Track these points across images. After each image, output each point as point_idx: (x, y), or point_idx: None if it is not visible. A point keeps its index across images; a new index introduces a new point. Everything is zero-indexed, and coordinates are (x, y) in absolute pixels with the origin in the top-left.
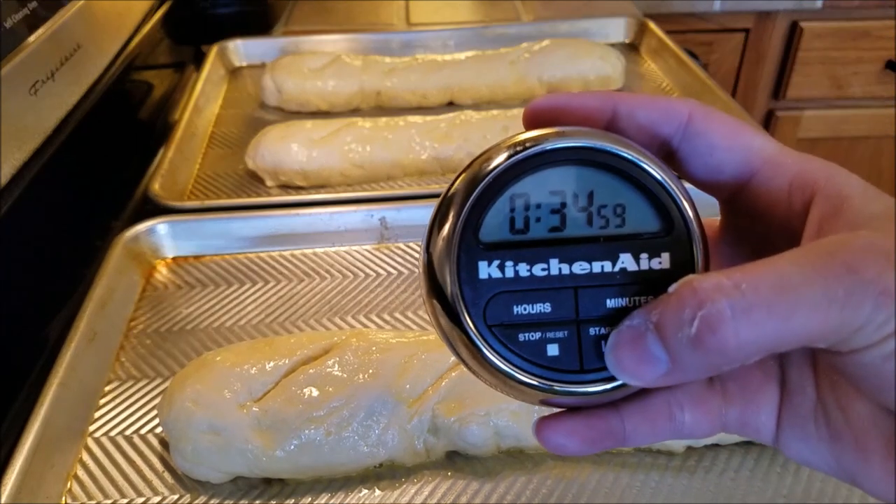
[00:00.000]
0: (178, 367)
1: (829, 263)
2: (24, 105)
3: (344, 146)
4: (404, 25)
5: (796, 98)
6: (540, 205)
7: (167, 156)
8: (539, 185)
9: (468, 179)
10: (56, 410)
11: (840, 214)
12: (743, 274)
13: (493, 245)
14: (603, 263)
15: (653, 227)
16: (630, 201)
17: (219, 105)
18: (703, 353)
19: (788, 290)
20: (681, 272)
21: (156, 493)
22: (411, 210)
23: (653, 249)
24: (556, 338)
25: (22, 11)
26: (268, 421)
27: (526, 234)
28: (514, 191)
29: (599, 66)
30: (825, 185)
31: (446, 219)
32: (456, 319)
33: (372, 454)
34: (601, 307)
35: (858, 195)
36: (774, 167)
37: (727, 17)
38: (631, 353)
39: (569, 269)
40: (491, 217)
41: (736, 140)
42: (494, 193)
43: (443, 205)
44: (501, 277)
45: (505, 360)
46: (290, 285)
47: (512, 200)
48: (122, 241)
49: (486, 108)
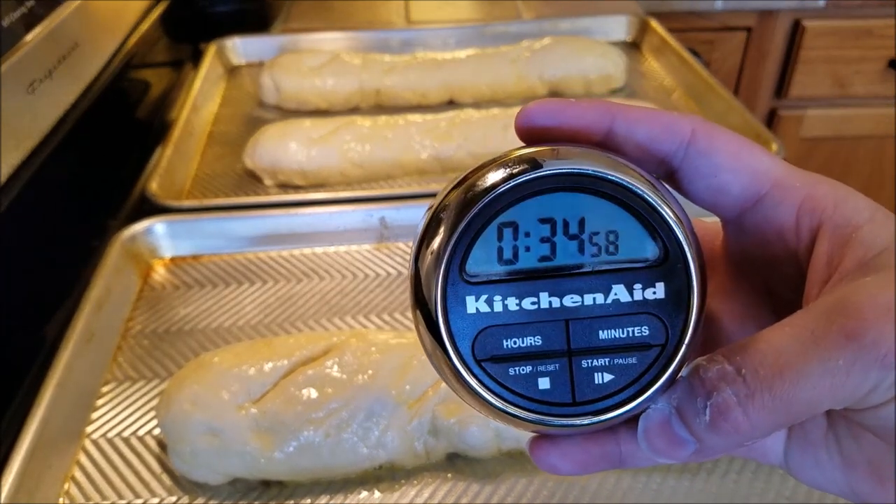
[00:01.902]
0: (175, 367)
1: (828, 332)
2: (21, 104)
3: (343, 145)
4: (404, 23)
5: (799, 97)
6: (529, 233)
7: (165, 155)
8: (528, 213)
9: (456, 205)
10: (53, 412)
11: (849, 246)
12: (743, 356)
13: (481, 277)
14: (595, 295)
15: (647, 255)
16: (623, 228)
17: (217, 104)
18: (722, 436)
19: (788, 370)
20: (676, 303)
21: (153, 495)
22: (411, 209)
23: (647, 279)
24: (547, 371)
25: (20, 10)
26: (266, 422)
27: (515, 265)
28: (503, 219)
29: (601, 64)
30: (833, 213)
31: (433, 244)
32: (445, 353)
33: (371, 456)
34: (594, 339)
35: (867, 223)
36: (782, 191)
37: (729, 16)
38: (661, 437)
39: (559, 302)
40: (479, 247)
41: (741, 161)
42: (482, 222)
43: (431, 225)
44: (490, 312)
45: (495, 395)
46: (289, 285)
47: (500, 230)
48: (120, 240)
49: (487, 107)
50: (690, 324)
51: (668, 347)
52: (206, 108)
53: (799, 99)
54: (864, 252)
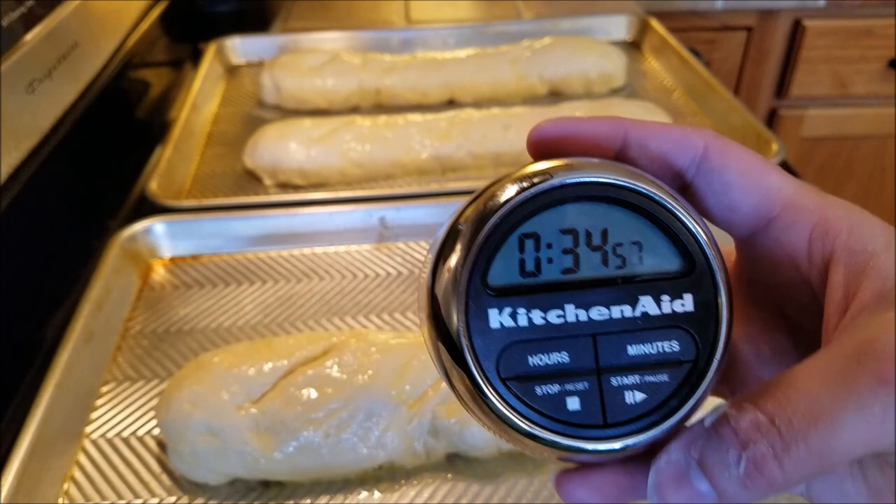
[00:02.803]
0: (175, 368)
1: (860, 377)
2: (20, 103)
3: (343, 145)
4: (404, 23)
5: (799, 96)
6: (551, 244)
7: (164, 155)
8: (549, 224)
9: (474, 218)
10: (53, 412)
11: (866, 275)
12: (775, 405)
13: (503, 290)
14: (622, 307)
15: (673, 266)
16: (647, 239)
17: (217, 103)
18: (753, 489)
19: (823, 420)
20: (705, 316)
21: (153, 495)
22: (411, 209)
23: (674, 290)
24: (576, 390)
25: (19, 10)
26: (266, 423)
27: (538, 277)
28: (524, 230)
29: (601, 63)
30: (848, 239)
31: (451, 259)
32: (468, 373)
33: (371, 456)
34: (623, 355)
35: (884, 251)
36: (793, 213)
37: (730, 15)
38: (677, 491)
39: (586, 314)
40: (500, 259)
41: (753, 179)
42: (503, 234)
43: (447, 241)
44: (514, 326)
45: (523, 418)
46: (289, 285)
47: (521, 241)
48: (119, 240)
49: (487, 107)
50: (721, 337)
51: (700, 363)
52: (205, 108)
53: (799, 98)
54: (883, 283)
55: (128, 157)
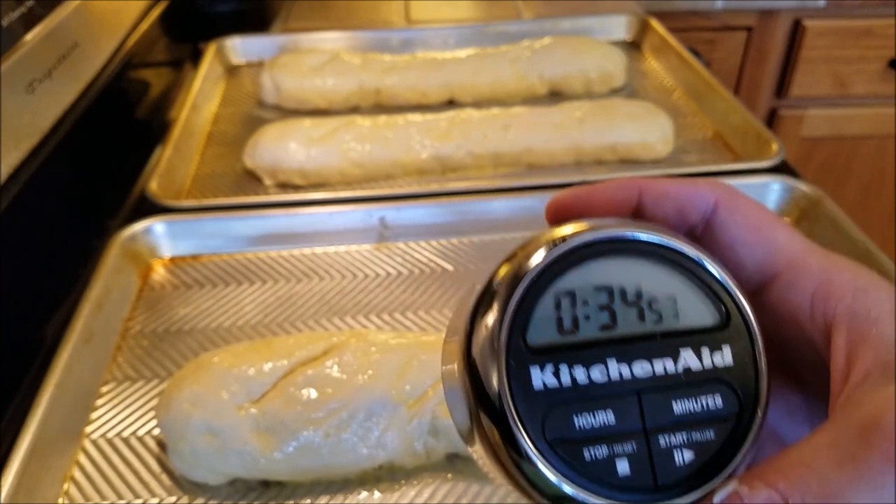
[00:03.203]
0: (175, 368)
1: (869, 457)
2: (20, 104)
3: (343, 145)
4: (404, 23)
5: (799, 96)
6: (587, 301)
7: (164, 154)
8: (584, 281)
9: (509, 278)
10: (52, 412)
11: (868, 342)
12: (787, 483)
13: (543, 349)
14: (665, 362)
15: (708, 319)
16: (681, 292)
17: (217, 103)
18: None
19: (834, 499)
20: (744, 368)
21: (153, 495)
22: (411, 209)
23: (713, 343)
24: (624, 452)
25: (19, 10)
26: (266, 422)
27: (576, 335)
28: (559, 287)
29: (601, 63)
30: (852, 303)
31: (488, 319)
32: (511, 439)
33: (371, 456)
34: (669, 413)
35: (887, 316)
36: (797, 273)
37: (730, 15)
38: None
39: (629, 370)
40: (537, 318)
41: (758, 237)
42: (538, 292)
43: (482, 302)
44: (558, 386)
45: (575, 485)
46: (289, 285)
47: (557, 298)
48: (119, 240)
49: (487, 107)
50: (763, 389)
51: (744, 417)
52: (205, 108)
53: (799, 98)
54: (886, 352)
55: (128, 156)
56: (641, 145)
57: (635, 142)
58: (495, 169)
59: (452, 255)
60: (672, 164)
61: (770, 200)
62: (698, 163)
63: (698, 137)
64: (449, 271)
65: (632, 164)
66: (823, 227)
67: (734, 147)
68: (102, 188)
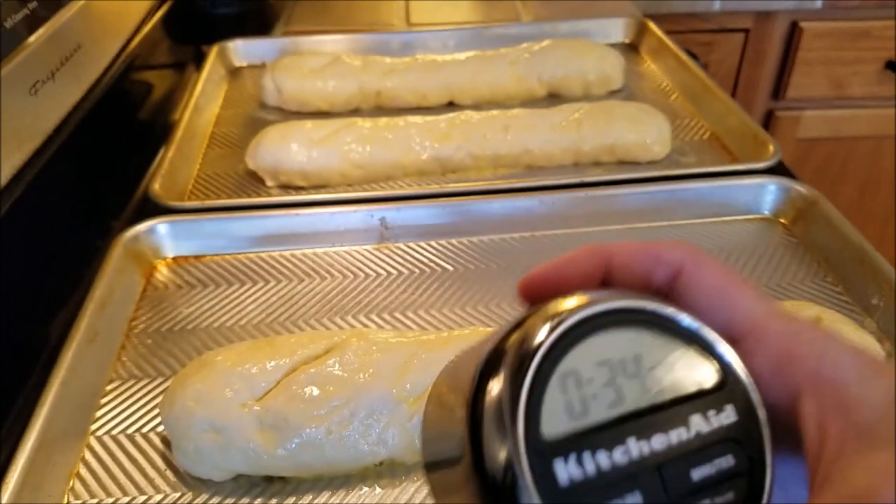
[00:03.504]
0: (179, 366)
1: None
2: (24, 105)
3: (344, 146)
4: (404, 25)
5: (796, 98)
6: (592, 379)
7: (167, 156)
8: (583, 358)
9: (511, 371)
10: (58, 410)
11: (838, 409)
12: None
13: (561, 441)
14: (678, 431)
15: (708, 380)
16: (677, 357)
17: (219, 105)
18: None
19: None
20: (747, 423)
21: (158, 492)
22: (411, 210)
23: (717, 404)
24: None
25: (22, 11)
26: (269, 420)
27: (588, 417)
28: (562, 370)
29: (599, 66)
30: (816, 368)
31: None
32: None
33: (373, 453)
34: (688, 482)
35: (854, 380)
36: (758, 339)
37: (727, 17)
38: None
39: (648, 445)
40: (547, 406)
41: (720, 301)
42: (543, 379)
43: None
44: (584, 477)
45: None
46: (291, 285)
47: (563, 381)
48: (123, 241)
49: (486, 108)
50: (767, 441)
51: (756, 473)
52: (208, 110)
53: (796, 100)
54: (858, 418)
55: (131, 158)
56: (639, 146)
57: (633, 143)
58: (495, 170)
59: (452, 255)
60: (669, 165)
61: (766, 201)
62: (695, 164)
63: (695, 139)
64: (449, 271)
65: (630, 166)
66: (820, 227)
67: (731, 148)
68: (106, 189)
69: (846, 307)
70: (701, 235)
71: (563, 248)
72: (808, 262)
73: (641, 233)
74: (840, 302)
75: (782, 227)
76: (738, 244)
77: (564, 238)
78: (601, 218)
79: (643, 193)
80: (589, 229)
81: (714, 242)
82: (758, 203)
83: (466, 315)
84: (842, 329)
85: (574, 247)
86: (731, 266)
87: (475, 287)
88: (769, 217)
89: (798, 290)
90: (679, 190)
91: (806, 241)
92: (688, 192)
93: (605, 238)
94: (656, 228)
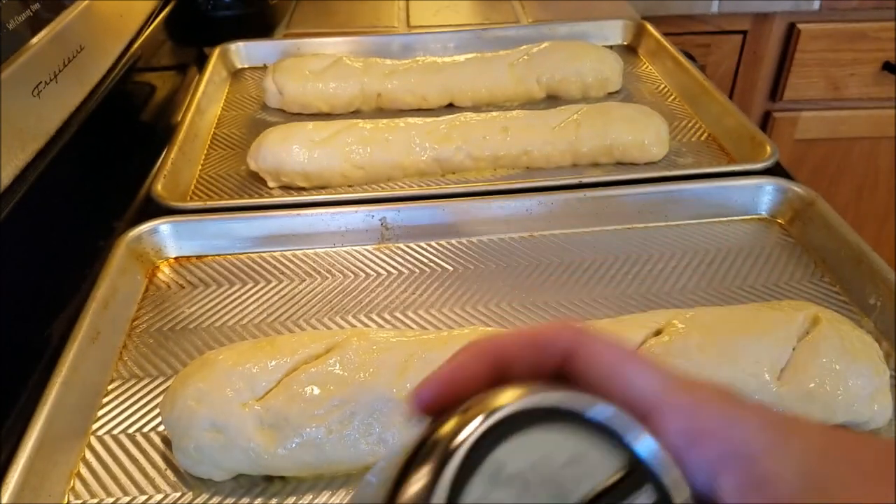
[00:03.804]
0: (180, 366)
1: None
2: (26, 107)
3: (345, 147)
4: (404, 28)
5: (793, 99)
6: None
7: (169, 157)
8: (492, 478)
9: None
10: (59, 409)
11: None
12: None
13: None
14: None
15: (621, 464)
16: (585, 447)
17: (221, 107)
18: None
19: None
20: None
21: (158, 491)
22: (411, 210)
23: (635, 486)
24: None
25: (24, 13)
26: (270, 419)
27: None
28: (479, 480)
29: (598, 68)
30: (728, 446)
31: None
32: None
33: (372, 452)
34: None
35: (766, 453)
36: (661, 416)
37: (725, 19)
38: None
39: None
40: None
41: (616, 381)
42: (459, 491)
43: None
44: None
45: None
46: (292, 285)
47: (484, 493)
48: (125, 241)
49: (486, 110)
50: None
51: None
52: (210, 111)
53: (793, 101)
54: (776, 493)
55: (133, 159)
56: (637, 148)
57: (631, 144)
58: (494, 171)
59: (452, 255)
60: (667, 166)
61: (764, 202)
62: (693, 165)
63: (693, 140)
64: (449, 271)
65: (628, 167)
66: (817, 228)
67: (728, 149)
68: (108, 190)
69: (844, 307)
70: (698, 236)
71: (562, 248)
72: (805, 262)
73: (639, 233)
74: (838, 302)
75: (779, 228)
76: (735, 244)
77: (563, 238)
78: (599, 218)
79: (641, 194)
80: (587, 229)
81: (711, 243)
82: (755, 203)
83: (466, 315)
84: (841, 329)
85: (573, 247)
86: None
87: (475, 287)
88: (766, 217)
89: (795, 291)
90: (677, 190)
91: (803, 242)
92: (685, 192)
93: (604, 238)
94: (653, 229)
